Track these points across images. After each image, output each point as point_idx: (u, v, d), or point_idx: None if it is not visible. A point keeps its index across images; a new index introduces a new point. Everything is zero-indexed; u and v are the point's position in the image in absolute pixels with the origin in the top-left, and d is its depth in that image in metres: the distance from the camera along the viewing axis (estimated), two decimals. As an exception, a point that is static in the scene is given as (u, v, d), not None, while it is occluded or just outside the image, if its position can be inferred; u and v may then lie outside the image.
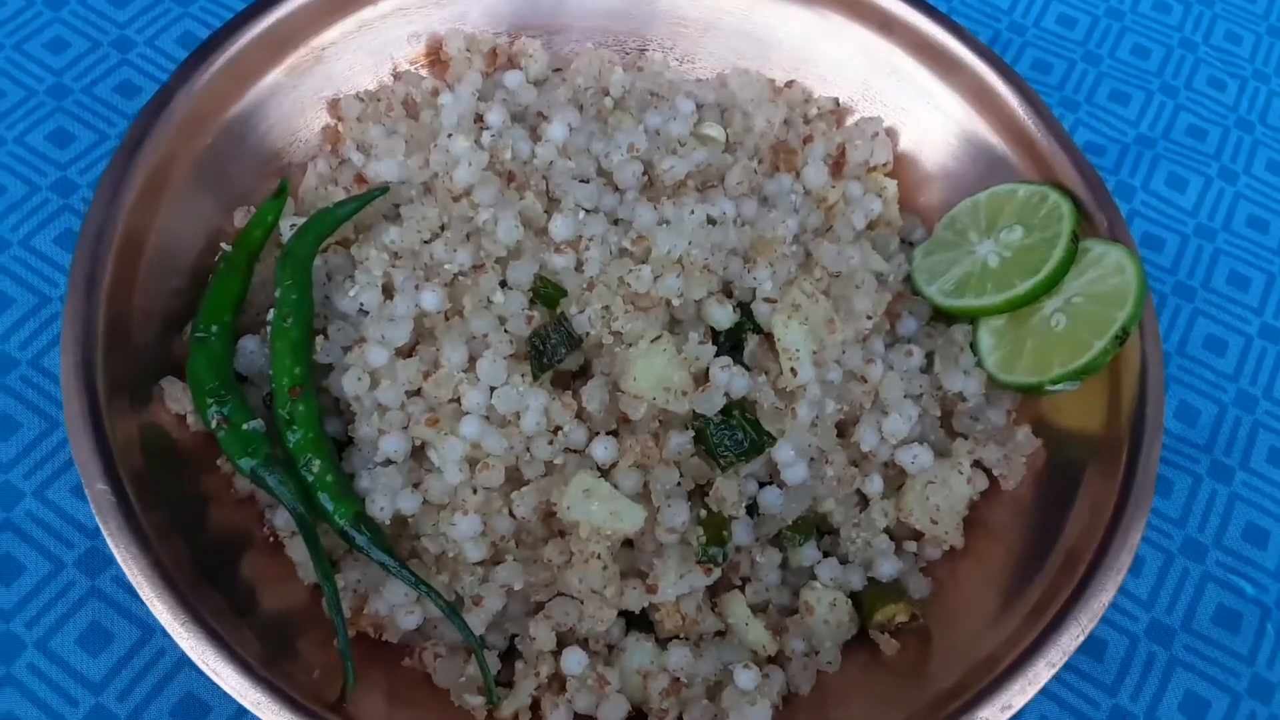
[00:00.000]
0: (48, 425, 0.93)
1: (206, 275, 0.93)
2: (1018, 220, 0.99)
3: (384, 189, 0.95)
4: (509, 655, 0.83)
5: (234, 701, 0.81)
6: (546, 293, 0.84)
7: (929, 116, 1.08)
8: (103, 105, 1.10)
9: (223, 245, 0.93)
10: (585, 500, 0.79)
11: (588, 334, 0.83)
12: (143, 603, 0.75)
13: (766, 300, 0.86)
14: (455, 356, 0.83)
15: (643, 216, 0.86)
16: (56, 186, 1.04)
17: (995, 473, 0.93)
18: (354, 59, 1.06)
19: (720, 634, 0.84)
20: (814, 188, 0.99)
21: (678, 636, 0.83)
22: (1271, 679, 0.93)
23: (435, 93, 1.04)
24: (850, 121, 1.10)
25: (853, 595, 0.87)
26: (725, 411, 0.82)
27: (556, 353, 0.82)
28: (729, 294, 0.88)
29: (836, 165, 1.04)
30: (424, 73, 1.09)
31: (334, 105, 1.04)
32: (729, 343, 0.86)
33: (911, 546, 0.91)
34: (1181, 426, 1.04)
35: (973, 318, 0.98)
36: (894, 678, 0.85)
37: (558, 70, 1.08)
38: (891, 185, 1.04)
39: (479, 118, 0.98)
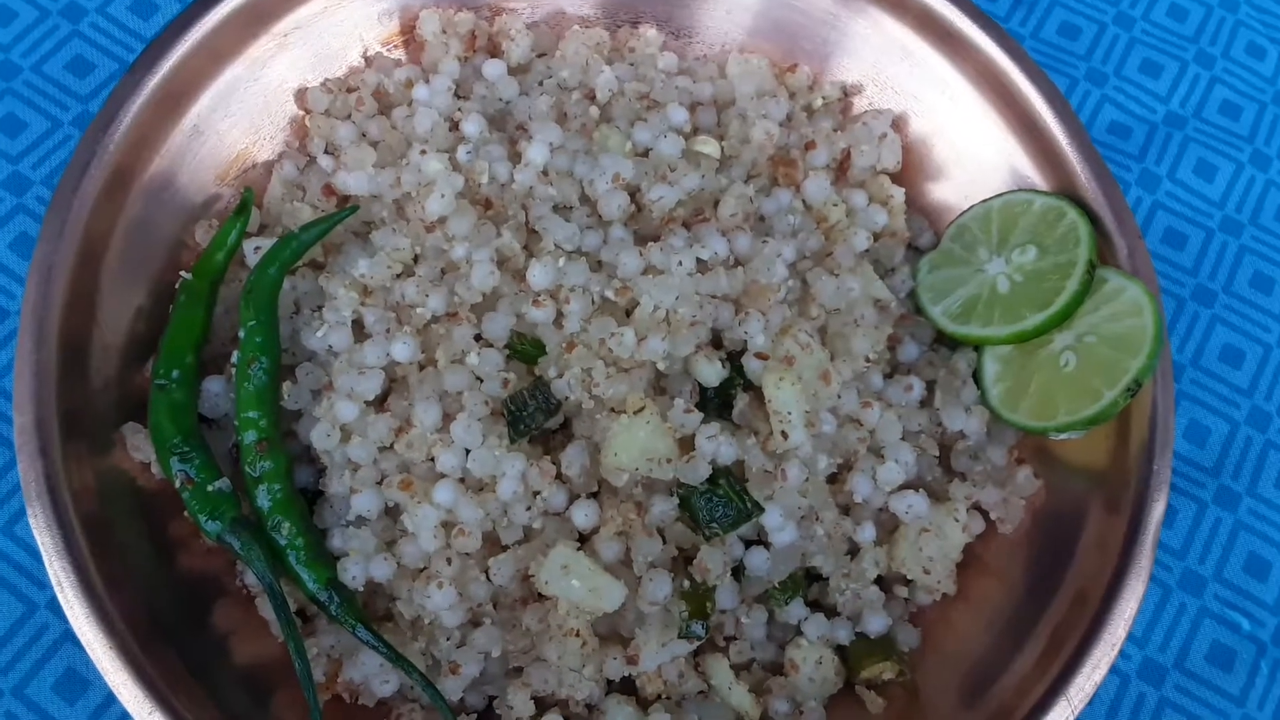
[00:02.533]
0: (11, 456, 0.90)
1: (170, 291, 0.88)
2: (1032, 239, 0.93)
3: (352, 209, 0.89)
4: (487, 714, 0.82)
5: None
6: (524, 350, 0.80)
7: (942, 105, 1.00)
8: (54, 86, 1.02)
9: (183, 273, 0.87)
10: (564, 576, 0.76)
11: (566, 399, 0.79)
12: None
13: (757, 355, 0.80)
14: (428, 418, 0.78)
15: (627, 264, 0.80)
16: (9, 183, 0.98)
17: (993, 516, 0.90)
18: (321, 44, 0.98)
19: (703, 693, 0.83)
20: (815, 204, 0.92)
21: (660, 699, 0.81)
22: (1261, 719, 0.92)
23: (409, 84, 0.96)
24: (858, 111, 1.02)
25: (839, 648, 0.86)
26: (711, 480, 0.78)
27: (534, 420, 0.78)
28: (718, 344, 0.83)
29: (840, 169, 0.97)
30: (397, 54, 1.00)
31: (300, 96, 0.97)
32: (718, 399, 0.82)
33: (902, 592, 0.88)
34: (1190, 448, 1.00)
35: (977, 345, 0.93)
36: (880, 730, 0.84)
37: (541, 55, 1.00)
38: (899, 194, 0.97)
39: (454, 125, 0.91)
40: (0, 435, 0.91)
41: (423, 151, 0.87)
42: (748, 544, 0.82)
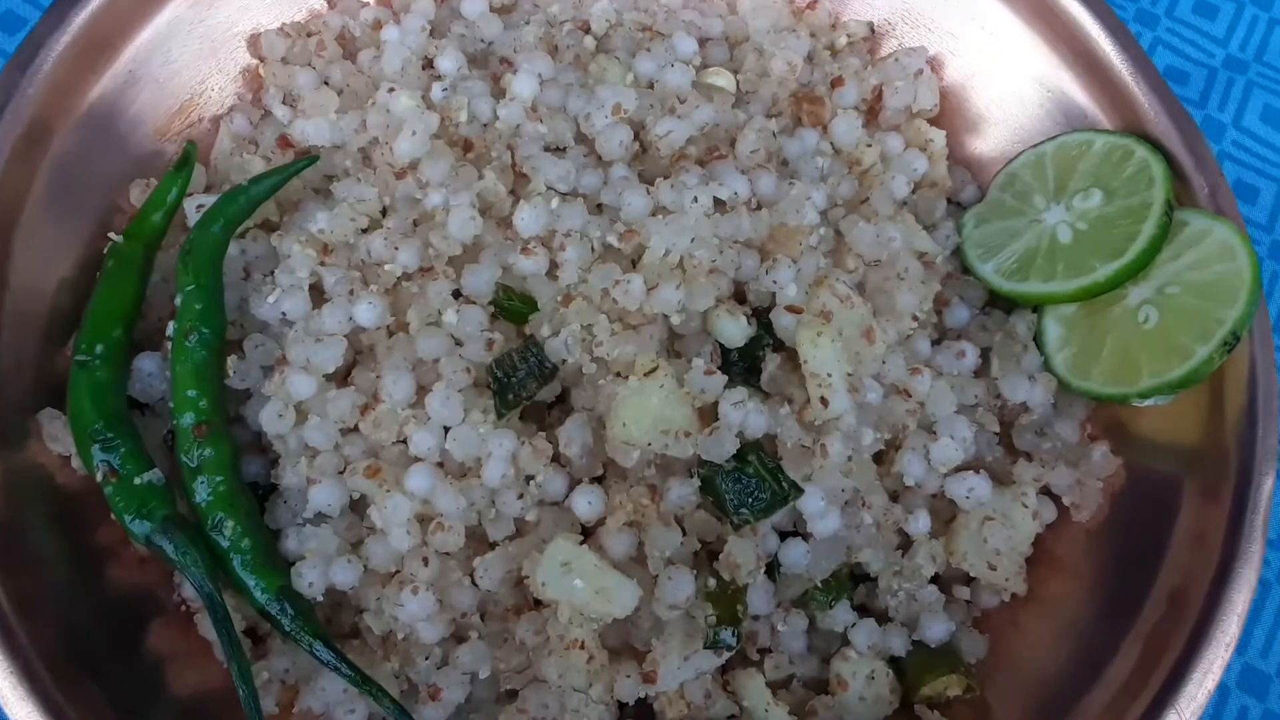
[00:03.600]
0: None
1: (98, 266, 0.75)
2: (1095, 182, 0.80)
3: (312, 159, 0.77)
4: (478, 746, 0.69)
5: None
6: (512, 306, 0.67)
7: (981, 43, 0.88)
8: (-24, 44, 0.90)
9: (112, 236, 0.75)
10: (565, 575, 0.63)
11: (564, 361, 0.66)
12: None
13: (789, 309, 0.68)
14: (399, 390, 0.66)
15: (632, 204, 0.68)
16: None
17: (1066, 501, 0.77)
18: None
19: (734, 718, 0.69)
20: (845, 146, 0.80)
21: (682, 724, 0.68)
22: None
23: (378, 25, 0.84)
24: (886, 53, 0.90)
25: (893, 660, 0.72)
26: (739, 457, 0.65)
27: (525, 386, 0.65)
28: (742, 299, 0.71)
29: (871, 112, 0.85)
30: (364, -4, 0.89)
31: (254, 41, 0.85)
32: (743, 363, 0.69)
33: (964, 593, 0.75)
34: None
35: (1037, 305, 0.81)
36: (944, 762, 0.70)
37: (527, -9, 0.88)
38: (939, 137, 0.85)
39: (429, 63, 0.79)
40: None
41: (391, 90, 0.75)
42: (782, 536, 0.69)
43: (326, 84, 0.81)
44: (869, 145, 0.80)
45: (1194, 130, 0.80)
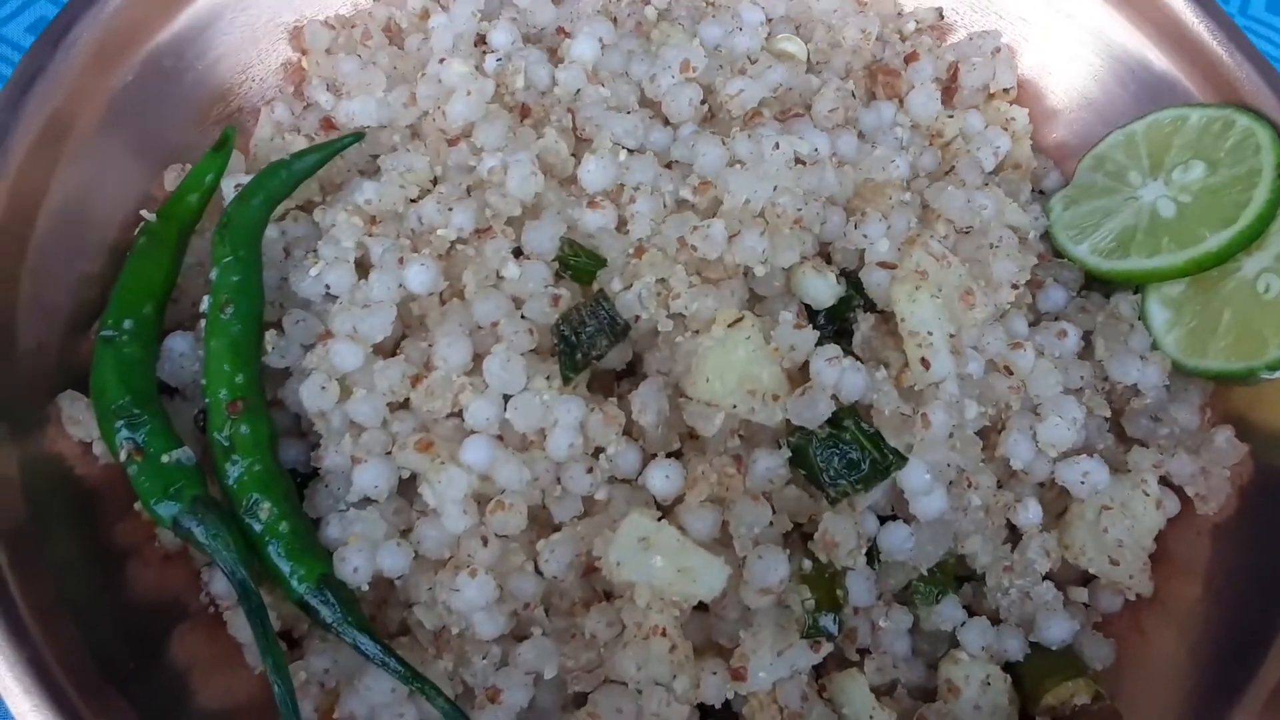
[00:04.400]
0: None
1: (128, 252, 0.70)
2: (1195, 155, 0.75)
3: (358, 136, 0.72)
4: (541, 764, 0.60)
5: None
6: (578, 263, 0.61)
7: (1056, 25, 0.84)
8: (10, 48, 0.87)
9: (144, 214, 0.70)
10: (643, 553, 0.55)
11: (637, 319, 0.59)
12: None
13: (881, 266, 0.62)
14: (454, 355, 0.59)
15: (707, 155, 0.62)
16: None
17: (1189, 492, 0.69)
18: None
19: None
20: (923, 120, 0.75)
21: (775, 735, 0.59)
22: None
23: (425, 15, 0.80)
24: (956, 39, 0.85)
25: (1009, 666, 0.64)
26: (833, 423, 0.58)
27: (594, 344, 0.58)
28: (828, 260, 0.64)
29: (947, 93, 0.80)
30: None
31: (296, 34, 0.81)
32: (831, 326, 0.63)
33: (1080, 595, 0.67)
34: None
35: (1139, 285, 0.74)
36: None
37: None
38: (1021, 115, 0.80)
39: (480, 39, 0.75)
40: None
41: (442, 60, 0.70)
42: (881, 520, 0.61)
43: (374, 66, 0.77)
44: (950, 118, 0.75)
45: (1297, 95, 0.75)
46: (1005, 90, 0.82)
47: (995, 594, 0.65)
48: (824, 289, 0.61)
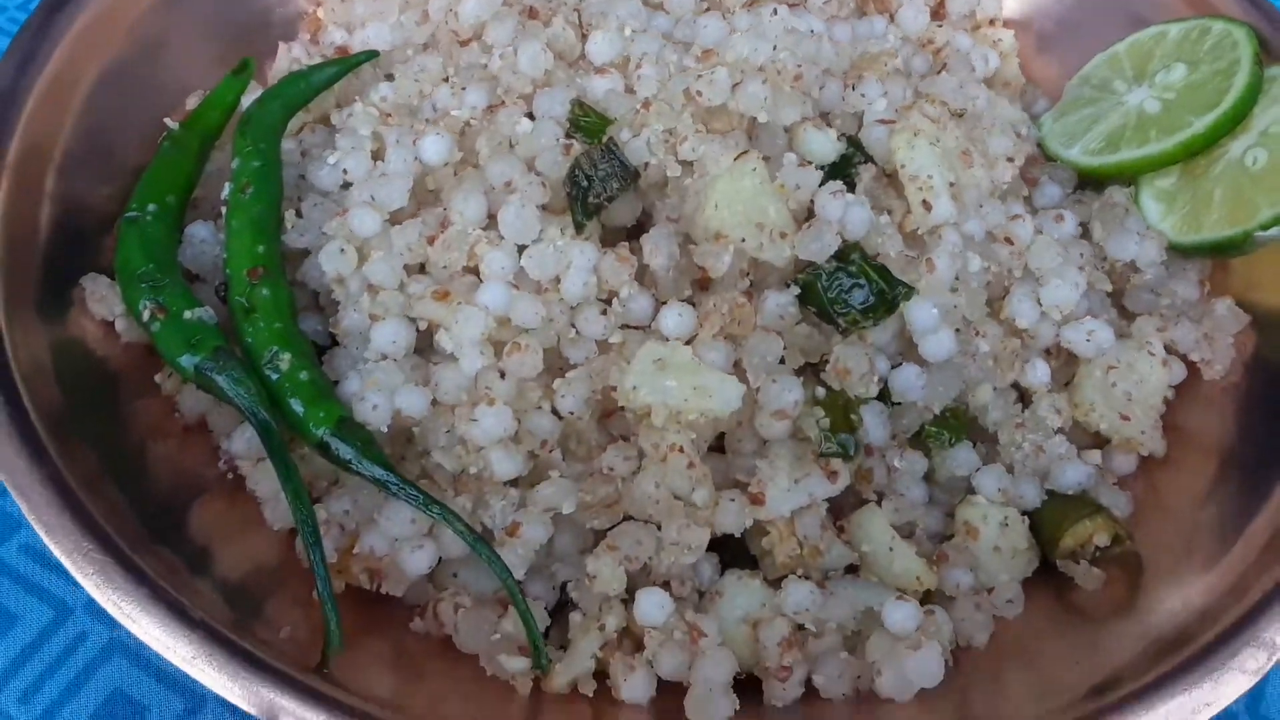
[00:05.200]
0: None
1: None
2: (1177, 59, 0.78)
3: (373, 53, 0.75)
4: (559, 611, 0.59)
5: (178, 698, 0.59)
6: (588, 122, 0.63)
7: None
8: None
9: (168, 122, 0.73)
10: (658, 374, 0.56)
11: (646, 165, 0.61)
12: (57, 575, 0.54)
13: (881, 122, 0.64)
14: (470, 209, 0.61)
15: (708, 27, 0.66)
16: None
17: (1194, 358, 0.70)
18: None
19: (852, 570, 0.61)
20: (913, 32, 0.79)
21: (793, 574, 0.59)
22: None
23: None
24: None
25: (1027, 517, 0.63)
26: (840, 257, 0.60)
27: (606, 187, 0.60)
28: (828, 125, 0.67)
29: (935, 17, 0.84)
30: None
31: (312, -12, 0.85)
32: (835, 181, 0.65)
33: (1094, 457, 0.67)
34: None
35: (1131, 178, 0.76)
36: (1096, 624, 0.60)
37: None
38: (1007, 36, 0.84)
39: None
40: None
41: (451, -23, 0.74)
42: (893, 366, 0.62)
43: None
44: (939, 28, 0.78)
45: (1268, 5, 0.78)
46: (991, 21, 0.86)
47: (1009, 449, 0.65)
48: (825, 144, 0.63)
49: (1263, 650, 0.51)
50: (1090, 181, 0.78)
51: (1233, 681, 0.51)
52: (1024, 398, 0.67)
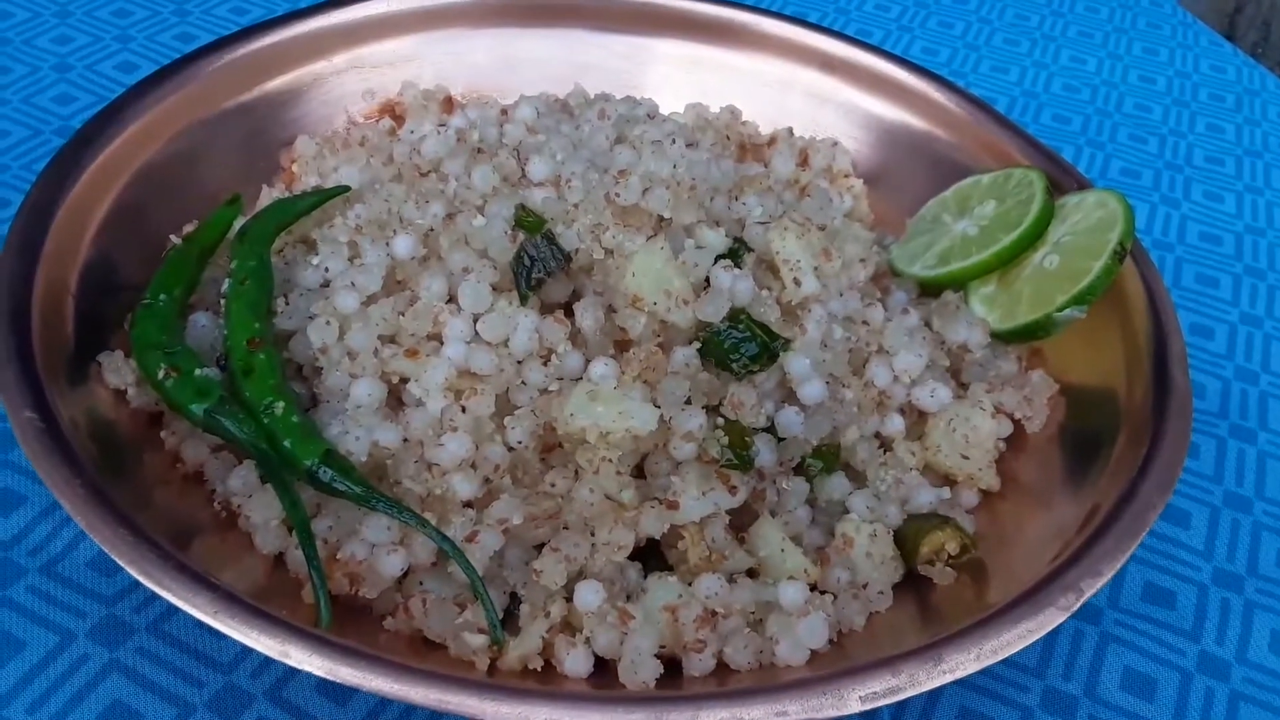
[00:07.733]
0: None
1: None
2: (989, 197, 0.99)
3: (346, 188, 0.91)
4: (511, 613, 0.71)
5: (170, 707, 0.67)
6: (530, 220, 0.79)
7: (881, 137, 1.10)
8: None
9: (172, 238, 0.87)
10: (590, 404, 0.70)
11: (576, 251, 0.78)
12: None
13: (759, 223, 0.82)
14: (435, 285, 0.76)
15: (623, 155, 0.84)
16: None
17: (1018, 415, 0.86)
18: (308, 108, 1.05)
19: (752, 574, 0.73)
20: (783, 176, 0.98)
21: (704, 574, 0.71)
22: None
23: (393, 132, 1.03)
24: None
25: (892, 533, 0.78)
26: (732, 318, 0.76)
27: (545, 266, 0.76)
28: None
29: (801, 166, 1.04)
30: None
31: (289, 147, 1.02)
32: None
33: (944, 493, 0.82)
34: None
35: (961, 286, 0.95)
36: (954, 612, 0.74)
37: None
38: (858, 183, 1.04)
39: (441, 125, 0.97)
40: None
41: (411, 131, 0.92)
42: (778, 409, 0.77)
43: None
44: (805, 171, 0.98)
45: (1055, 155, 1.01)
46: (845, 175, 1.06)
47: (875, 485, 0.80)
48: (716, 239, 0.80)
49: (1072, 593, 0.65)
50: (929, 290, 0.96)
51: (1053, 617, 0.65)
52: (885, 445, 0.83)
